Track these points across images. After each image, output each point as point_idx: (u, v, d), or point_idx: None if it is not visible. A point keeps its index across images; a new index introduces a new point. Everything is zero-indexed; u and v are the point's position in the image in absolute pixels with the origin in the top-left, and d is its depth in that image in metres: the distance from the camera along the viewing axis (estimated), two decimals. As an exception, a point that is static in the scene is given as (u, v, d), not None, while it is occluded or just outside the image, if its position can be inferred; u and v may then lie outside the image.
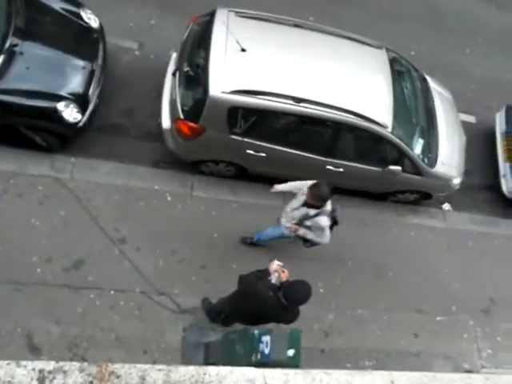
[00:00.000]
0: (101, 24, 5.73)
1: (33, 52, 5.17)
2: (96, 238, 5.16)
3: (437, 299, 6.07)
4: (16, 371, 2.54)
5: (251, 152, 5.56)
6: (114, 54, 5.96)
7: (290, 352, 4.05)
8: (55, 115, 5.15)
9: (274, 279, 4.11)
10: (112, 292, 4.93)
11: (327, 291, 5.50)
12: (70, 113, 5.23)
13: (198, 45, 5.49)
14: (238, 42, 5.17)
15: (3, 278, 4.69)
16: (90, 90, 5.40)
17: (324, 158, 5.74)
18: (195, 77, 5.38)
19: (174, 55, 5.80)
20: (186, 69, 5.47)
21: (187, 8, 5.84)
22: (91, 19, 5.68)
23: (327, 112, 5.34)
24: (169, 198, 5.63)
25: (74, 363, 2.60)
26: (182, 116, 5.34)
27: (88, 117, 5.38)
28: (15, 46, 5.06)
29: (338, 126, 5.50)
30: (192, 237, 5.44)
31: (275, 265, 4.17)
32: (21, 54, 5.08)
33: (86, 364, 2.69)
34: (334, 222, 4.86)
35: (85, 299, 4.83)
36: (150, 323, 4.88)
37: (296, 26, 5.71)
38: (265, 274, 4.16)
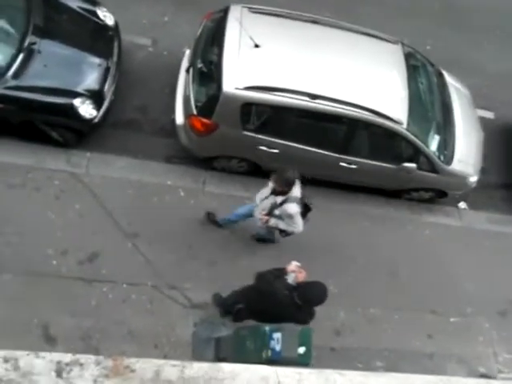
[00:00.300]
0: (116, 22, 5.80)
1: (50, 50, 5.28)
2: (110, 232, 5.23)
3: (451, 300, 5.96)
4: (35, 362, 2.60)
5: (264, 148, 5.55)
6: (129, 50, 6.02)
7: (301, 350, 4.03)
8: (71, 111, 5.25)
9: (290, 279, 4.11)
10: (124, 285, 5.00)
11: (339, 289, 5.45)
12: (86, 109, 5.32)
13: (212, 41, 5.51)
14: (251, 38, 5.16)
15: (20, 269, 4.81)
16: (106, 87, 5.49)
17: (338, 155, 5.70)
18: (209, 73, 5.40)
19: (188, 52, 5.83)
20: (199, 65, 5.49)
21: (201, 5, 5.87)
22: (107, 17, 5.76)
23: (342, 108, 5.31)
24: (181, 194, 5.67)
25: (90, 356, 2.63)
26: (195, 112, 5.37)
27: (103, 113, 5.46)
28: (34, 44, 5.18)
29: (352, 122, 5.46)
30: (204, 232, 5.47)
31: (293, 265, 4.15)
32: (39, 51, 5.19)
33: (101, 357, 2.72)
34: (307, 209, 4.74)
35: (98, 292, 4.91)
36: (161, 317, 4.92)
37: (311, 21, 5.68)
38: (282, 272, 4.16)
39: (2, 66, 5.03)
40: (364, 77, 5.54)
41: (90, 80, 5.39)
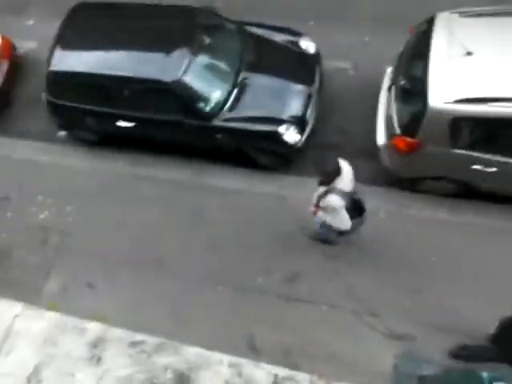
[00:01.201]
0: (317, 49, 6.04)
1: (259, 82, 5.81)
2: (312, 252, 5.36)
3: None
4: (255, 371, 2.81)
5: (479, 167, 4.93)
6: (330, 75, 6.18)
7: (528, 407, 3.36)
8: (278, 137, 5.65)
9: None
10: (324, 307, 5.04)
11: None
12: (290, 135, 5.65)
13: (416, 55, 5.21)
14: (461, 45, 4.70)
15: (230, 283, 5.32)
16: (308, 113, 5.75)
17: None
18: (412, 89, 5.12)
19: (389, 70, 5.64)
20: (402, 82, 5.26)
21: (401, 23, 5.62)
22: (309, 46, 6.05)
23: None
24: (382, 216, 5.45)
25: (304, 374, 2.69)
26: (398, 131, 5.13)
27: (306, 137, 5.73)
28: (245, 78, 5.79)
29: None
30: (404, 257, 5.14)
31: None
32: (249, 85, 5.77)
33: (315, 377, 2.76)
34: (361, 209, 4.50)
35: (298, 311, 5.06)
36: (360, 343, 4.79)
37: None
38: None
39: (221, 101, 5.73)
40: None
41: (294, 107, 5.72)
